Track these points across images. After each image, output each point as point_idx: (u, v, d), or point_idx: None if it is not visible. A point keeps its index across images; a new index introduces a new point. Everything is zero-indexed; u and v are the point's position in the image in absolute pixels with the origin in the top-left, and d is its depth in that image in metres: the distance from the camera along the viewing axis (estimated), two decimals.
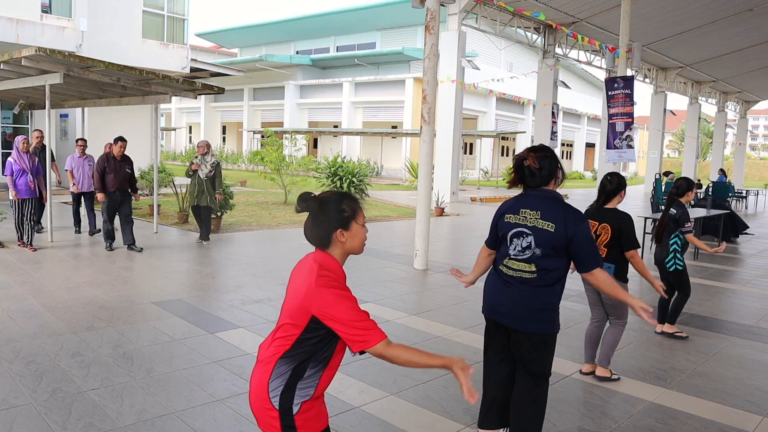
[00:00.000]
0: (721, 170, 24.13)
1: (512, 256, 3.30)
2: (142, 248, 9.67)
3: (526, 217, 3.26)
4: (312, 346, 2.20)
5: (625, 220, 4.71)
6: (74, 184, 10.82)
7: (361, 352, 2.14)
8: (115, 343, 5.16)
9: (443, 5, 9.48)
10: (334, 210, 2.27)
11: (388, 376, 4.65)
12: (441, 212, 16.62)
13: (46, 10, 17.57)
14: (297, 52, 45.79)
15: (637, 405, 4.36)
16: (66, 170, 10.88)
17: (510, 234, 3.31)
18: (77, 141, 11.07)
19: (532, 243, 3.23)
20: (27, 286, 7.04)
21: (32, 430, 3.61)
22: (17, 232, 9.40)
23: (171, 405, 4.01)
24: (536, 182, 3.29)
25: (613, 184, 4.82)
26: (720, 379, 4.95)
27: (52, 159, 11.12)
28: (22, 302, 6.37)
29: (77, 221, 11.20)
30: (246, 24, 48.47)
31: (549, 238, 3.18)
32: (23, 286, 7.06)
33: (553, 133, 22.85)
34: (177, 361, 4.80)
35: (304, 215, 2.32)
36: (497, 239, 3.47)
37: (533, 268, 3.23)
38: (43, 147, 10.83)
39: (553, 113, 22.97)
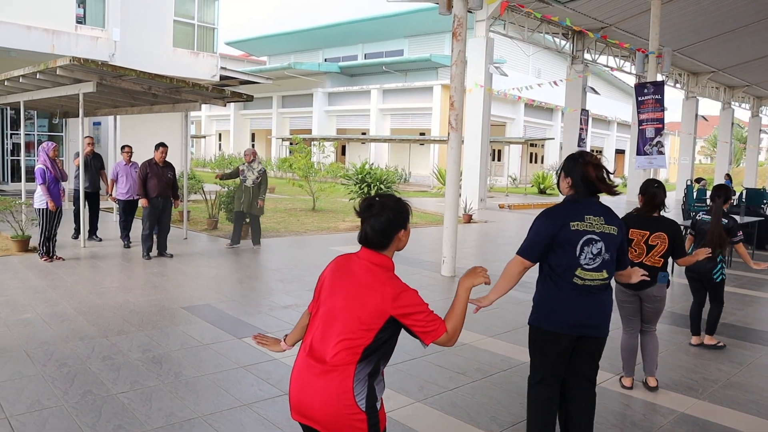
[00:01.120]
0: (728, 175, 23.47)
1: (584, 266, 3.22)
2: (172, 254, 9.79)
3: (592, 224, 3.23)
4: (383, 344, 2.31)
5: (678, 228, 4.71)
6: (110, 195, 10.76)
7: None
8: (144, 347, 5.24)
9: (470, 12, 9.47)
10: (400, 211, 2.40)
11: (413, 383, 4.63)
12: (469, 219, 16.55)
13: (81, 21, 17.97)
14: (325, 60, 46.06)
15: (668, 416, 4.28)
16: (110, 179, 10.73)
17: (581, 242, 3.21)
18: (123, 148, 10.90)
19: (603, 249, 3.24)
20: (60, 291, 7.18)
21: (63, 431, 3.67)
22: (42, 247, 8.95)
23: (198, 409, 4.05)
24: (607, 190, 3.31)
25: (664, 193, 4.75)
26: (755, 390, 4.84)
27: (102, 167, 11.24)
28: (55, 306, 6.50)
29: (126, 233, 10.57)
30: (275, 32, 48.93)
31: (614, 242, 3.29)
32: (56, 290, 7.20)
33: (582, 140, 22.62)
34: (205, 366, 4.85)
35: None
36: (546, 251, 3.27)
37: (605, 275, 3.27)
38: (95, 154, 11.01)
39: (582, 119, 22.75)
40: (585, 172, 3.26)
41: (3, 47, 16.30)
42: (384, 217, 2.36)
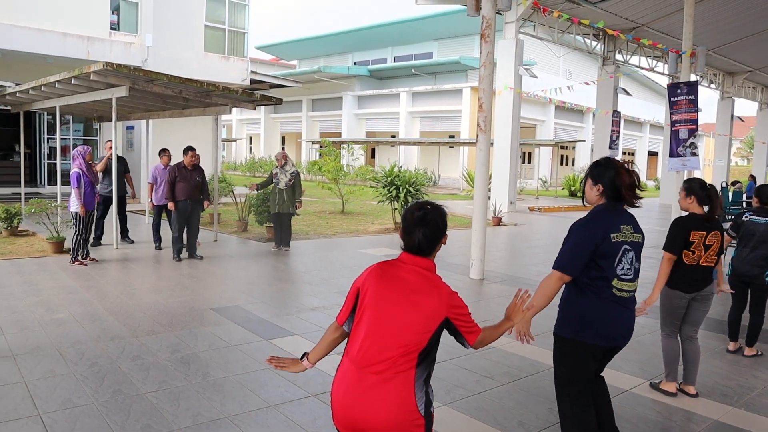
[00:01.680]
0: (752, 176, 22.83)
1: (621, 277, 3.16)
2: (202, 256, 9.90)
3: (626, 234, 3.18)
4: (434, 347, 2.38)
5: (722, 227, 4.65)
6: (150, 200, 10.83)
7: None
8: (173, 348, 5.29)
9: (500, 14, 9.40)
10: (445, 218, 2.50)
11: (440, 386, 4.60)
12: (498, 222, 16.43)
13: (115, 27, 18.30)
14: (355, 63, 46.24)
15: (700, 423, 4.18)
16: (148, 182, 10.83)
17: (620, 253, 3.14)
18: (163, 151, 10.88)
19: (634, 258, 3.21)
20: (93, 291, 7.30)
21: (93, 429, 3.73)
22: (74, 251, 8.98)
23: (225, 409, 4.07)
24: (634, 201, 3.25)
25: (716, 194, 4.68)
26: None
27: (126, 170, 11.32)
28: (88, 306, 6.61)
29: (158, 237, 10.67)
30: (304, 36, 49.27)
31: (640, 251, 3.26)
32: (89, 291, 7.33)
33: (613, 142, 22.31)
34: (232, 367, 4.88)
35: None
36: (587, 263, 3.15)
37: (636, 285, 3.25)
38: (118, 158, 10.81)
39: (613, 121, 22.43)
40: (620, 179, 3.17)
41: (40, 54, 16.66)
42: (435, 224, 2.44)
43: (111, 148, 10.73)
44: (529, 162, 39.28)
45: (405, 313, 2.31)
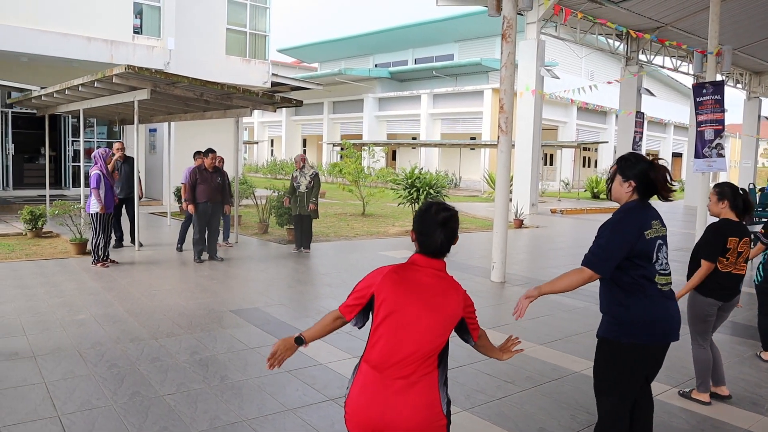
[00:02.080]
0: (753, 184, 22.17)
1: (660, 272, 3.09)
2: (223, 258, 9.92)
3: (657, 229, 3.11)
4: (448, 346, 2.40)
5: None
6: (185, 200, 10.46)
7: None
8: (192, 350, 5.28)
9: (521, 14, 9.31)
10: (458, 219, 2.46)
11: (460, 391, 4.53)
12: (520, 224, 16.29)
13: (138, 31, 18.48)
14: (376, 65, 46.26)
15: None
16: (182, 183, 10.68)
17: (655, 248, 3.07)
18: (197, 154, 10.68)
19: (666, 251, 3.15)
20: (114, 293, 7.34)
21: (111, 431, 3.71)
22: (95, 253, 9.01)
23: (243, 413, 4.04)
24: (668, 195, 3.17)
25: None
26: None
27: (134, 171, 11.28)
28: (109, 308, 6.64)
29: (183, 238, 10.67)
30: (326, 39, 49.41)
31: (667, 243, 3.21)
32: (110, 292, 7.36)
33: (637, 143, 22.01)
34: (251, 369, 4.85)
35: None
36: (625, 263, 3.04)
37: (671, 277, 3.19)
38: (126, 158, 10.72)
39: (636, 122, 22.14)
40: (653, 174, 3.08)
41: (65, 58, 16.88)
42: (455, 226, 2.41)
43: (119, 149, 10.47)
44: (551, 164, 38.96)
45: (426, 317, 2.29)
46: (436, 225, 2.36)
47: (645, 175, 3.09)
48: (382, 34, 44.54)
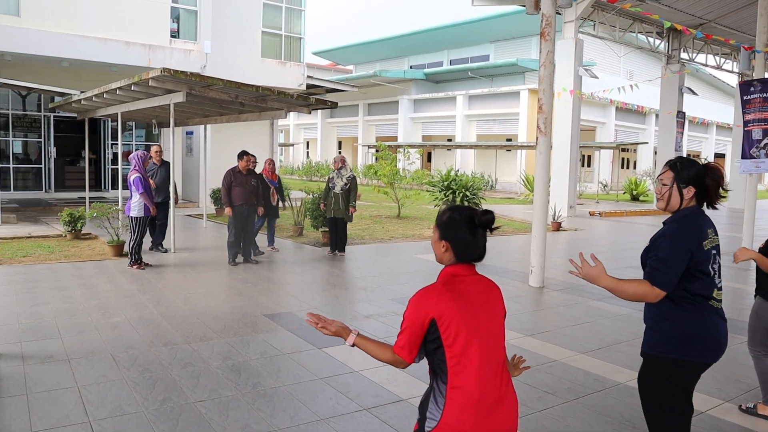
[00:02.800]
0: None
1: (719, 287, 2.89)
2: (257, 261, 9.90)
3: (712, 239, 2.90)
4: None
5: None
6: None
7: None
8: (225, 355, 5.21)
9: (559, 14, 9.07)
10: None
11: None
12: (558, 227, 15.97)
13: (175, 35, 18.69)
14: (411, 67, 46.10)
15: None
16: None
17: (711, 261, 2.86)
18: (243, 156, 10.47)
19: (720, 263, 2.93)
20: (148, 295, 7.34)
21: None
22: (132, 255, 9.08)
23: (274, 422, 3.94)
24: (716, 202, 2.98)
25: None
26: None
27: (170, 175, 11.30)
28: (143, 310, 6.63)
29: (255, 244, 10.41)
30: (360, 41, 49.45)
31: (720, 253, 2.99)
32: (145, 295, 7.37)
33: (678, 143, 21.46)
34: (283, 376, 4.76)
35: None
36: (680, 276, 2.82)
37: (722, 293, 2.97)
38: (162, 162, 10.74)
39: (678, 122, 21.58)
40: (712, 176, 2.87)
41: (105, 62, 17.15)
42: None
43: (156, 152, 10.59)
44: (588, 165, 38.30)
45: (494, 325, 2.25)
46: (477, 230, 2.23)
47: (702, 180, 2.89)
48: (417, 35, 44.39)
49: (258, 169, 10.53)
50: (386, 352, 2.24)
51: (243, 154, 9.77)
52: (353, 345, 2.28)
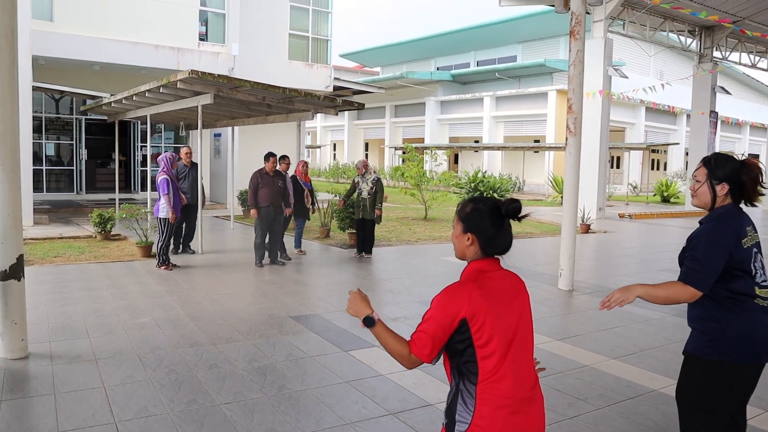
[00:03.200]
0: None
1: (761, 284, 2.76)
2: (284, 262, 9.89)
3: (753, 236, 2.80)
4: None
5: None
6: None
7: None
8: (250, 357, 5.19)
9: (588, 12, 8.92)
10: None
11: None
12: (587, 229, 15.73)
13: (203, 38, 18.87)
14: (437, 68, 45.95)
15: None
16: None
17: (752, 258, 2.76)
18: (283, 158, 10.36)
19: (762, 261, 2.81)
20: (176, 296, 7.37)
21: None
22: (160, 256, 9.15)
23: (300, 425, 3.89)
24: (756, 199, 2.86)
25: None
26: None
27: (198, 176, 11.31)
28: (170, 311, 6.65)
29: (283, 246, 10.28)
30: (387, 43, 49.43)
31: (761, 251, 2.87)
32: (172, 296, 7.40)
33: (711, 144, 21.02)
34: (309, 379, 4.71)
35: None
36: (722, 275, 2.73)
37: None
38: (193, 164, 10.67)
39: (711, 122, 21.14)
40: (748, 172, 2.76)
41: (135, 65, 17.39)
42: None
43: (187, 153, 10.53)
44: (618, 166, 37.79)
45: (523, 321, 2.16)
46: (504, 220, 2.14)
47: (737, 176, 2.78)
48: (444, 36, 44.24)
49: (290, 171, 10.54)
50: (402, 349, 2.11)
51: (269, 156, 9.76)
52: (374, 327, 2.17)
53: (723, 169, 2.80)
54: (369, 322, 2.18)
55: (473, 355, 2.06)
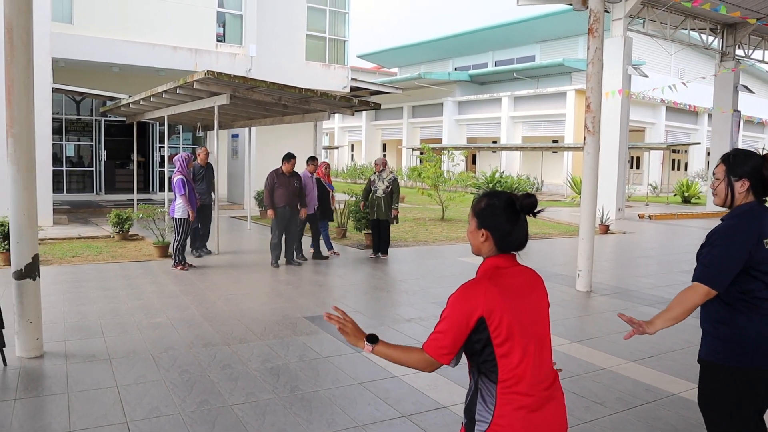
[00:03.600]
0: None
1: None
2: (301, 263, 9.87)
3: None
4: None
5: None
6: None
7: None
8: (264, 357, 5.16)
9: (607, 11, 8.79)
10: None
11: None
12: (605, 230, 15.55)
13: (221, 39, 18.95)
14: (455, 69, 45.80)
15: None
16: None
17: None
18: (311, 159, 10.50)
19: None
20: (191, 296, 7.37)
21: None
22: (176, 256, 9.19)
23: (311, 427, 3.85)
24: None
25: None
26: None
27: (213, 177, 11.24)
28: (185, 311, 6.65)
29: (300, 246, 10.30)
30: (405, 43, 49.36)
31: None
32: (188, 296, 7.40)
33: (733, 143, 20.70)
34: (322, 380, 4.67)
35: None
36: (738, 276, 2.61)
37: None
38: (209, 165, 10.59)
39: (736, 120, 20.80)
40: (766, 171, 2.64)
41: (153, 67, 17.50)
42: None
43: (206, 154, 10.44)
44: (637, 167, 37.39)
45: (541, 318, 2.11)
46: (519, 215, 2.08)
47: (758, 172, 2.67)
48: (462, 36, 44.07)
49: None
50: (415, 356, 2.06)
51: (290, 157, 9.71)
52: (373, 350, 2.13)
53: (743, 165, 2.69)
54: (373, 339, 2.14)
55: (492, 353, 2.00)
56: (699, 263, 2.68)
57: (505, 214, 2.07)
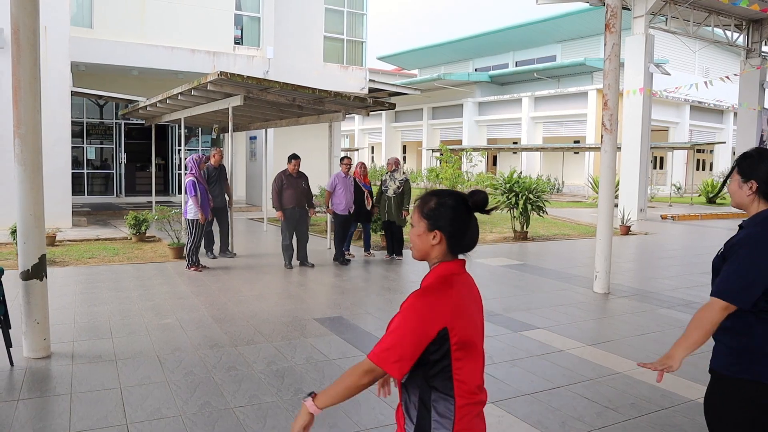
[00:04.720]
0: None
1: None
2: (313, 264, 9.81)
3: None
4: None
5: None
6: (328, 207, 10.17)
7: None
8: (270, 359, 5.09)
9: (627, 8, 8.61)
10: None
11: (554, 417, 4.05)
12: (626, 231, 15.29)
13: (238, 42, 19.01)
14: (475, 70, 45.55)
15: None
16: (326, 189, 10.27)
17: None
18: (343, 159, 10.37)
19: None
20: (202, 298, 7.34)
21: None
22: (189, 257, 9.17)
23: (313, 430, 3.76)
24: None
25: None
26: None
27: (226, 179, 11.14)
28: (195, 312, 6.61)
29: (343, 246, 10.28)
30: (425, 45, 49.22)
31: None
32: (199, 297, 7.37)
33: (763, 143, 20.25)
34: (327, 383, 4.59)
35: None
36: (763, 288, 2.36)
37: None
38: (221, 166, 10.47)
39: (764, 119, 20.35)
40: None
41: (171, 70, 17.61)
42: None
43: (215, 155, 10.27)
44: (660, 167, 36.83)
45: (482, 325, 2.02)
46: (471, 214, 1.94)
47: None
48: (482, 37, 43.84)
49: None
50: (357, 378, 1.94)
51: (293, 157, 9.68)
52: (319, 409, 2.01)
53: (751, 167, 2.48)
54: (309, 395, 2.04)
55: (449, 365, 1.86)
56: (720, 277, 2.44)
57: (459, 214, 1.93)
